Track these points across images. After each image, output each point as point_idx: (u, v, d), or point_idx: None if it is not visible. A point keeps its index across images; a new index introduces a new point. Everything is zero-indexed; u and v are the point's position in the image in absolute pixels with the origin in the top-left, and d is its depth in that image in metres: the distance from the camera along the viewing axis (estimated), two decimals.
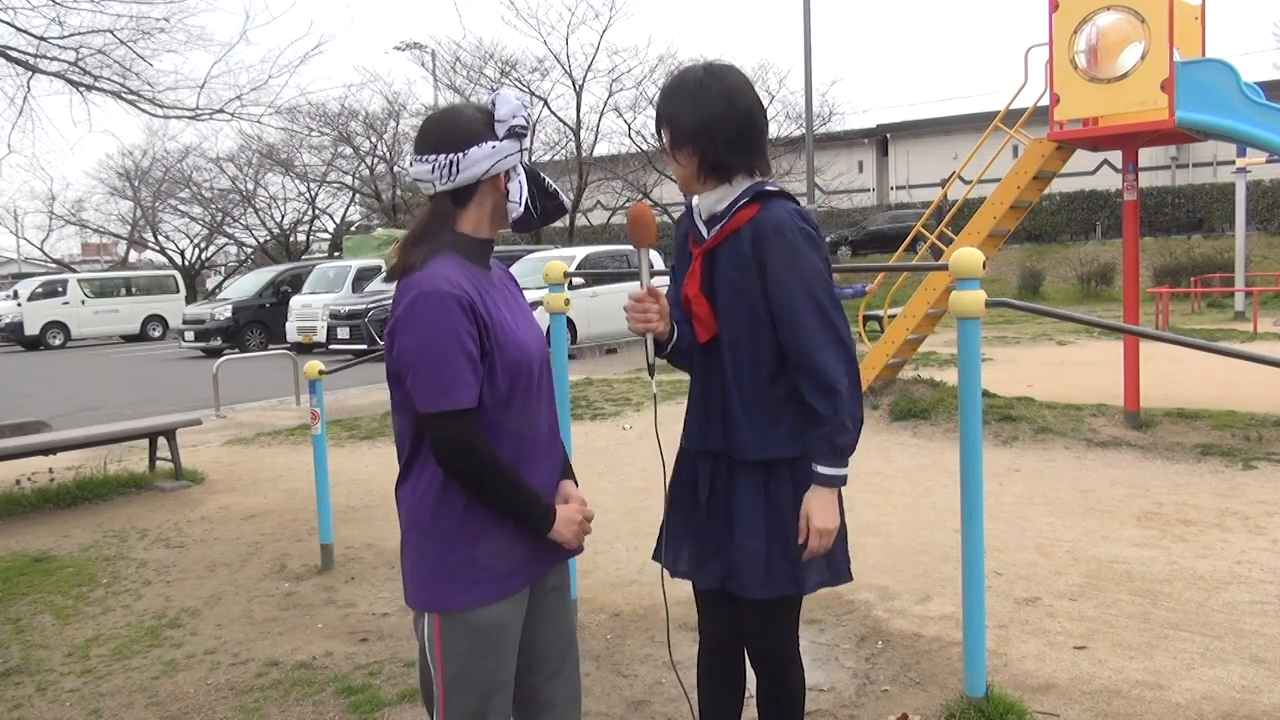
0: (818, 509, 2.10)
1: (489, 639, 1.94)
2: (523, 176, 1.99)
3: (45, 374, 17.87)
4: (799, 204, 2.19)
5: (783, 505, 2.16)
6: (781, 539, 2.16)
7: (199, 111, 9.31)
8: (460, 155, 1.93)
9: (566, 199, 2.08)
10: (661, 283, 2.34)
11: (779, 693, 2.32)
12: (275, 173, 34.54)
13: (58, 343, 25.97)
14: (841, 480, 2.12)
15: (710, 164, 2.14)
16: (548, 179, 2.05)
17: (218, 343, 20.07)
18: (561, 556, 2.09)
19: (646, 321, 2.12)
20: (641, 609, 4.08)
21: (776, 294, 2.10)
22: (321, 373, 4.95)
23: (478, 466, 1.89)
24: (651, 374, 2.20)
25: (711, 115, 2.10)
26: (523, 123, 1.97)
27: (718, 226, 2.17)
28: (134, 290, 27.80)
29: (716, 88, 2.11)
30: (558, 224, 30.50)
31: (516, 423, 1.97)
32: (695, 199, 2.25)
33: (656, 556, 2.34)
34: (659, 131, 2.19)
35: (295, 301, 19.86)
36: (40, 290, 26.41)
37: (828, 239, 26.89)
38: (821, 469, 2.09)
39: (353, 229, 33.25)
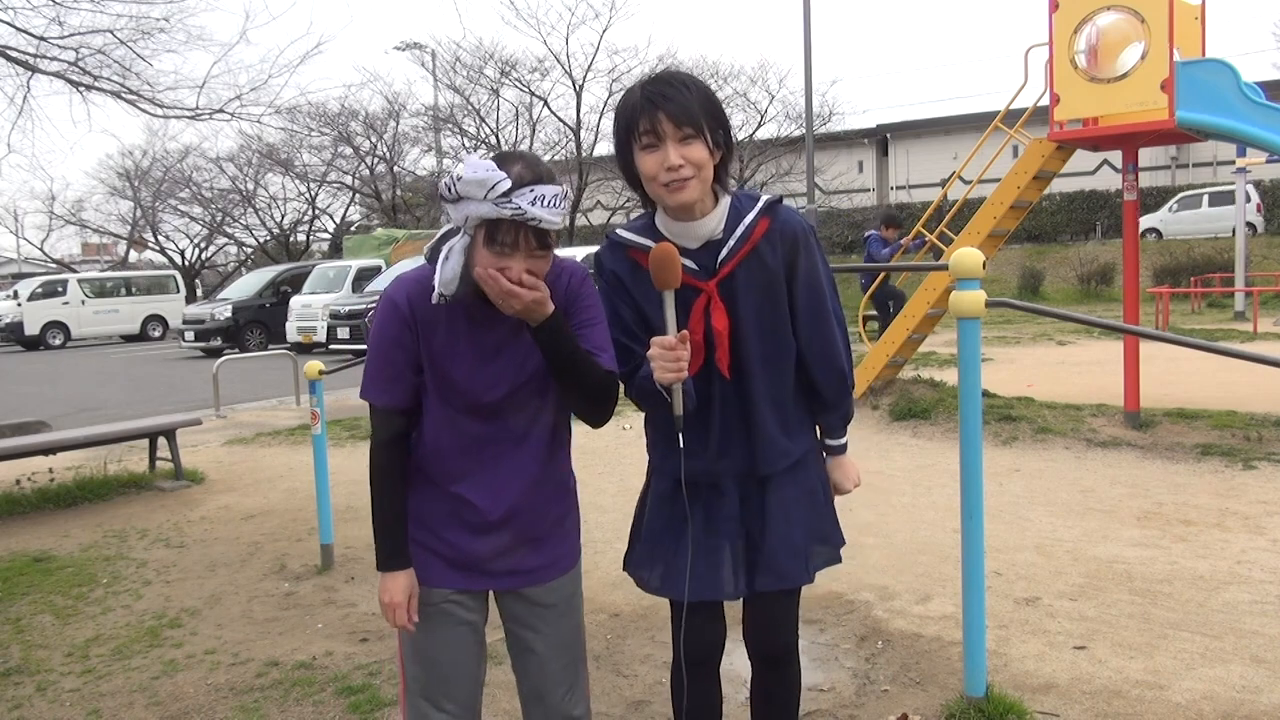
0: (843, 476, 2.35)
1: (425, 618, 2.03)
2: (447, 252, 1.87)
3: (45, 374, 17.87)
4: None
5: (814, 488, 2.25)
6: (816, 521, 2.24)
7: (199, 111, 9.30)
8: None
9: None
10: None
11: (783, 686, 2.32)
12: (275, 173, 34.56)
13: (58, 343, 25.98)
14: (846, 444, 2.35)
15: (724, 169, 2.07)
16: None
17: (218, 343, 20.08)
18: (514, 584, 2.06)
19: (680, 371, 1.91)
20: (641, 609, 4.08)
21: (808, 297, 2.13)
22: (321, 373, 4.95)
23: (372, 464, 2.00)
24: (680, 427, 2.00)
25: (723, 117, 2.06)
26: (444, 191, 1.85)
27: (725, 251, 2.06)
28: (134, 290, 27.82)
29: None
30: (557, 224, 30.53)
31: (463, 439, 1.99)
32: (666, 228, 2.09)
33: (673, 590, 2.18)
34: (696, 133, 1.96)
35: (295, 301, 19.87)
36: (40, 290, 26.42)
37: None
38: (838, 441, 2.32)
39: (353, 229, 33.26)
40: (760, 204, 2.10)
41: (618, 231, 2.18)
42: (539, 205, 1.80)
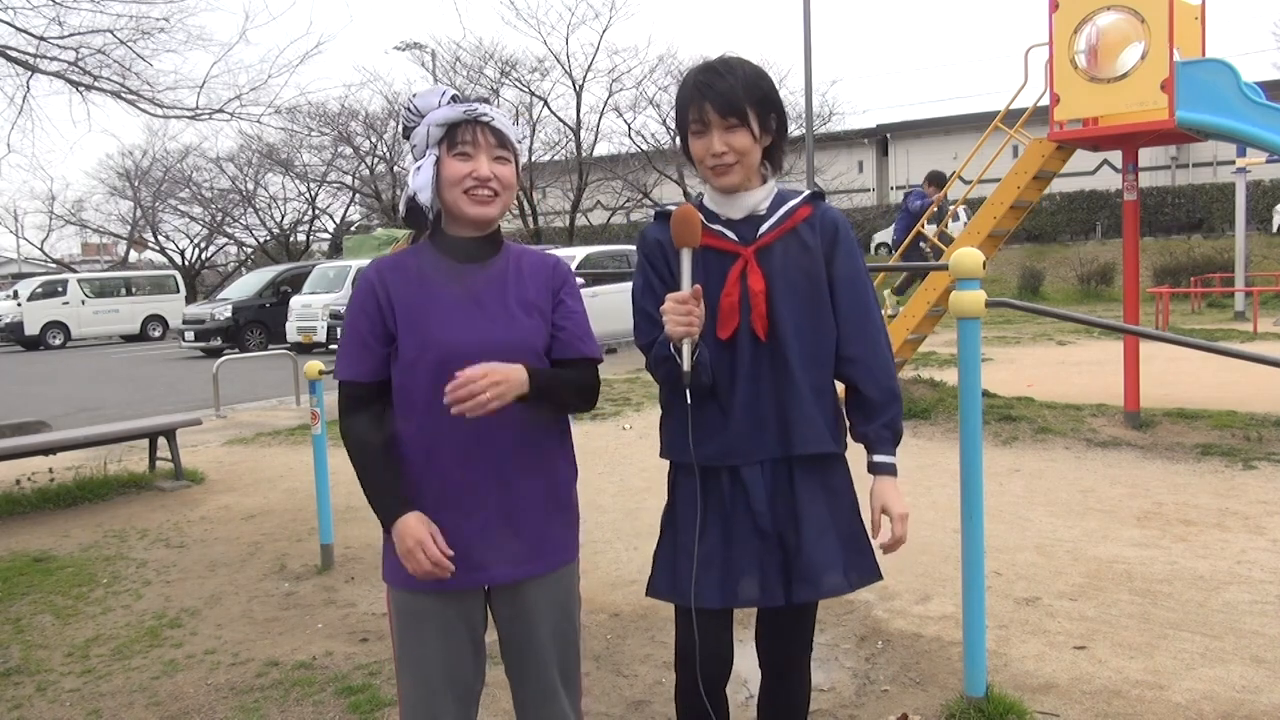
0: (895, 498, 2.13)
1: (411, 623, 2.02)
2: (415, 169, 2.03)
3: (45, 374, 17.87)
4: None
5: (845, 494, 2.18)
6: (851, 530, 2.16)
7: (199, 111, 9.29)
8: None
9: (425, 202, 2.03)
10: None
11: (793, 695, 2.28)
12: (275, 173, 34.59)
13: (58, 343, 25.98)
14: (896, 465, 2.17)
15: (777, 150, 2.16)
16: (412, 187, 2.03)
17: (218, 343, 20.08)
18: (506, 575, 2.01)
19: (690, 325, 1.95)
20: (641, 609, 4.08)
21: (849, 286, 2.13)
22: (321, 373, 4.95)
23: (350, 435, 2.00)
24: (687, 383, 2.01)
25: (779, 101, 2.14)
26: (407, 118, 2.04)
27: (767, 225, 2.11)
28: (134, 290, 27.82)
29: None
30: (557, 224, 30.53)
31: (435, 414, 1.93)
32: (712, 201, 2.15)
33: (672, 593, 2.14)
34: (741, 122, 2.03)
35: (295, 301, 19.86)
36: (40, 290, 26.42)
37: None
38: (885, 458, 2.15)
39: (353, 229, 33.27)
40: (805, 193, 2.19)
41: (665, 206, 2.22)
42: (489, 109, 2.00)
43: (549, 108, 28.95)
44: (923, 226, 10.38)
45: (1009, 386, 8.90)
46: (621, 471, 6.60)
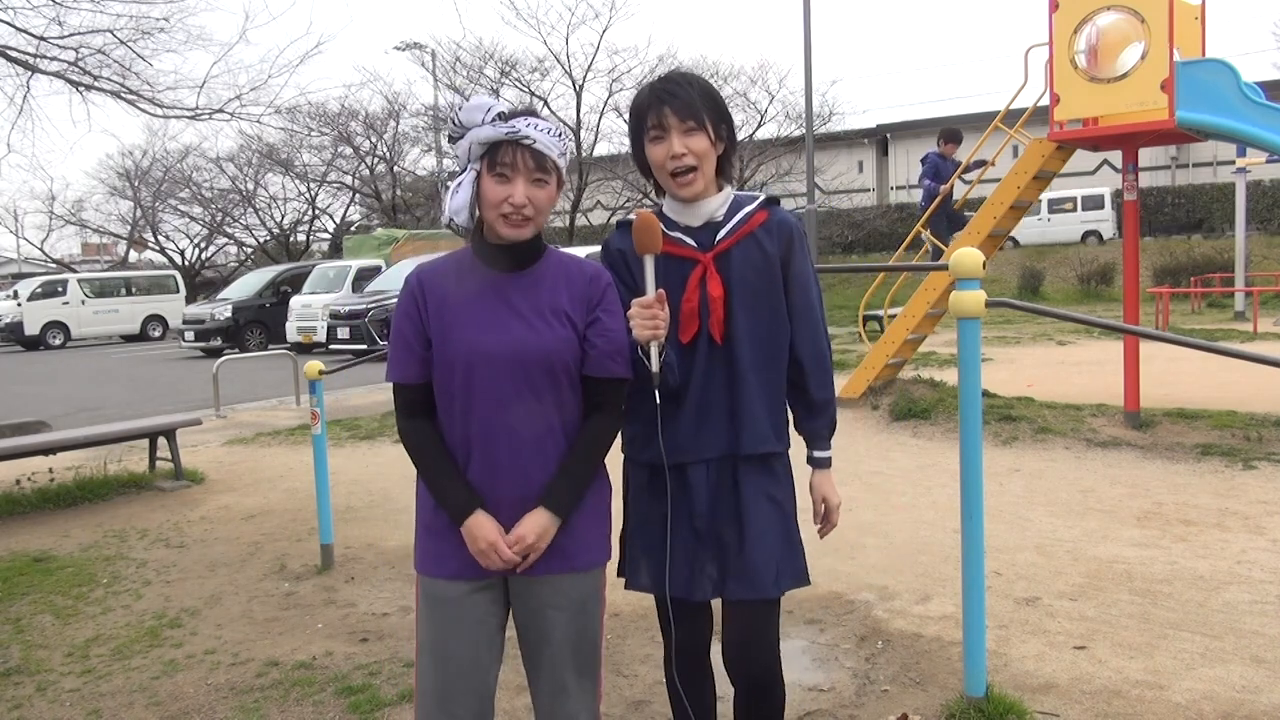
0: (833, 490, 2.31)
1: (436, 610, 2.06)
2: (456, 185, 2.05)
3: (45, 374, 17.87)
4: None
5: (784, 500, 2.23)
6: (789, 533, 2.22)
7: (199, 111, 9.30)
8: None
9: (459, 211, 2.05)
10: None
11: (765, 708, 2.27)
12: (275, 173, 34.59)
13: (58, 343, 25.99)
14: (831, 459, 2.33)
15: (727, 161, 2.23)
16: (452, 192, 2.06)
17: (218, 343, 20.09)
18: (531, 569, 2.04)
19: (656, 328, 2.02)
20: (641, 609, 4.08)
21: (800, 290, 2.22)
22: (321, 373, 4.95)
23: (405, 437, 2.08)
24: (657, 384, 2.08)
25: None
26: (452, 129, 2.06)
27: (725, 230, 2.18)
28: (134, 290, 27.83)
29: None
30: (557, 224, 30.51)
31: (465, 414, 2.01)
32: (671, 209, 2.22)
33: (657, 587, 2.24)
34: (698, 125, 2.11)
35: (295, 301, 19.88)
36: (40, 290, 26.43)
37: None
38: (825, 453, 2.31)
39: (353, 229, 33.28)
40: (761, 198, 2.26)
41: (627, 216, 2.28)
42: (533, 129, 1.99)
43: (549, 108, 28.94)
44: (923, 225, 10.36)
45: (1009, 386, 8.90)
46: (622, 472, 6.60)
